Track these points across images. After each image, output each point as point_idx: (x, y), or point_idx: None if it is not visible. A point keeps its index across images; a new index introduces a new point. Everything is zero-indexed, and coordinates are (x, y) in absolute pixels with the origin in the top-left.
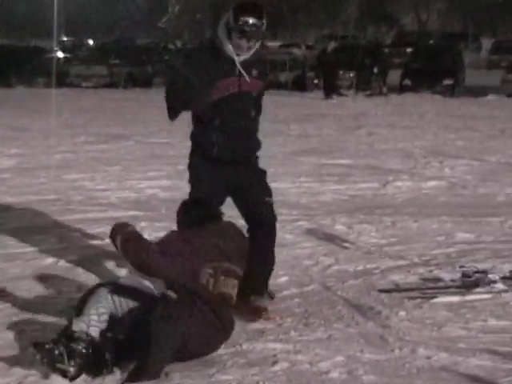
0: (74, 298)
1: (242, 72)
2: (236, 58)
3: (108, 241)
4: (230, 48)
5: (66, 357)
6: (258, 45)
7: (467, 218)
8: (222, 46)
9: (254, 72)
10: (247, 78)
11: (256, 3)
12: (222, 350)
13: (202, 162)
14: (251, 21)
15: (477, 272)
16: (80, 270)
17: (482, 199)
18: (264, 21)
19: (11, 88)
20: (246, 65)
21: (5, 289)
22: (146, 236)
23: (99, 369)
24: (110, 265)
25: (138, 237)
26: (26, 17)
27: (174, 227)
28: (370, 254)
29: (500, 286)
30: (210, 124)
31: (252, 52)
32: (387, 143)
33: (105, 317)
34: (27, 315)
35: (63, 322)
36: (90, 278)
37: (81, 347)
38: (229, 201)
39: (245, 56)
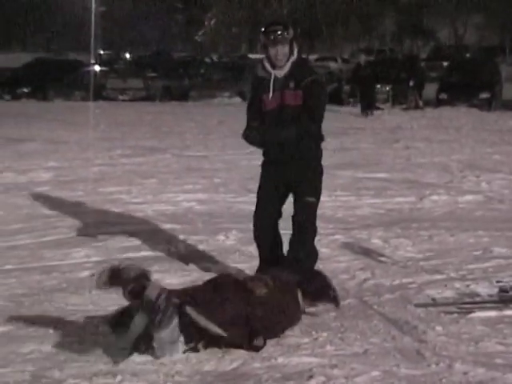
0: (110, 310)
1: (271, 87)
2: (272, 75)
3: (144, 253)
4: (267, 65)
5: None
6: (293, 57)
7: (504, 232)
8: (259, 69)
9: (291, 85)
10: (284, 92)
11: (277, 19)
12: (257, 364)
13: (264, 162)
14: (276, 29)
15: None
16: None
17: None
18: (290, 30)
19: (49, 101)
20: (284, 80)
21: None
22: (182, 250)
23: None
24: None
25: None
26: (64, 30)
27: (211, 240)
28: (407, 269)
29: None
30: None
31: (288, 67)
32: (424, 157)
33: None
34: (65, 328)
35: (99, 335)
36: None
37: None
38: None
39: (282, 71)
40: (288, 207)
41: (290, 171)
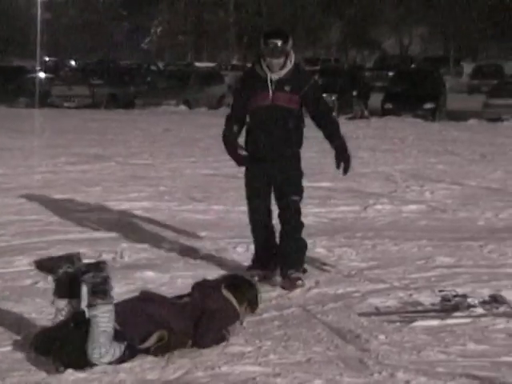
0: (50, 319)
1: (270, 88)
2: (268, 76)
3: (88, 261)
4: (264, 67)
5: None
6: (290, 64)
7: (447, 242)
8: (258, 67)
9: (287, 88)
10: (276, 93)
11: (280, 28)
12: (201, 373)
13: (249, 157)
14: (276, 41)
15: (456, 296)
16: None
17: (462, 223)
18: (289, 42)
19: None
20: (280, 82)
21: None
22: (126, 258)
23: None
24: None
25: None
26: (9, 36)
27: (156, 249)
28: (350, 278)
29: (479, 310)
30: (251, 127)
31: (285, 71)
32: (368, 166)
33: None
34: (7, 337)
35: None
36: None
37: None
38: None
39: (278, 75)
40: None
41: (275, 170)
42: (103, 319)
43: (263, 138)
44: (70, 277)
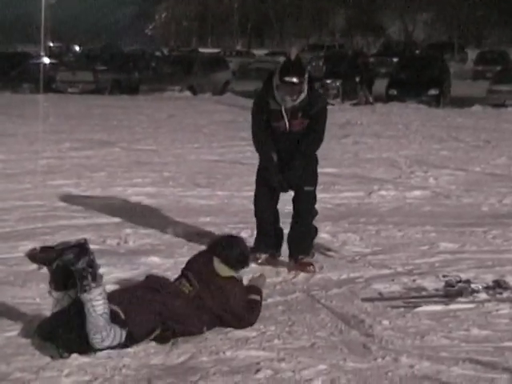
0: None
1: (286, 118)
2: (282, 107)
3: (92, 246)
4: (278, 98)
5: None
6: (304, 94)
7: (451, 227)
8: (271, 98)
9: (299, 115)
10: (291, 122)
11: (297, 63)
12: (205, 357)
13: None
14: (293, 80)
15: (460, 282)
16: None
17: (466, 209)
18: (305, 77)
19: None
20: (293, 111)
21: None
22: (130, 243)
23: None
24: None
25: None
26: (13, 22)
27: (160, 234)
28: (354, 263)
29: (483, 295)
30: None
31: (299, 101)
32: (372, 152)
33: None
34: (12, 322)
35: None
36: None
37: None
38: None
39: (291, 104)
40: None
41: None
42: (98, 302)
43: (281, 159)
44: (63, 270)
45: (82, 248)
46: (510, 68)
